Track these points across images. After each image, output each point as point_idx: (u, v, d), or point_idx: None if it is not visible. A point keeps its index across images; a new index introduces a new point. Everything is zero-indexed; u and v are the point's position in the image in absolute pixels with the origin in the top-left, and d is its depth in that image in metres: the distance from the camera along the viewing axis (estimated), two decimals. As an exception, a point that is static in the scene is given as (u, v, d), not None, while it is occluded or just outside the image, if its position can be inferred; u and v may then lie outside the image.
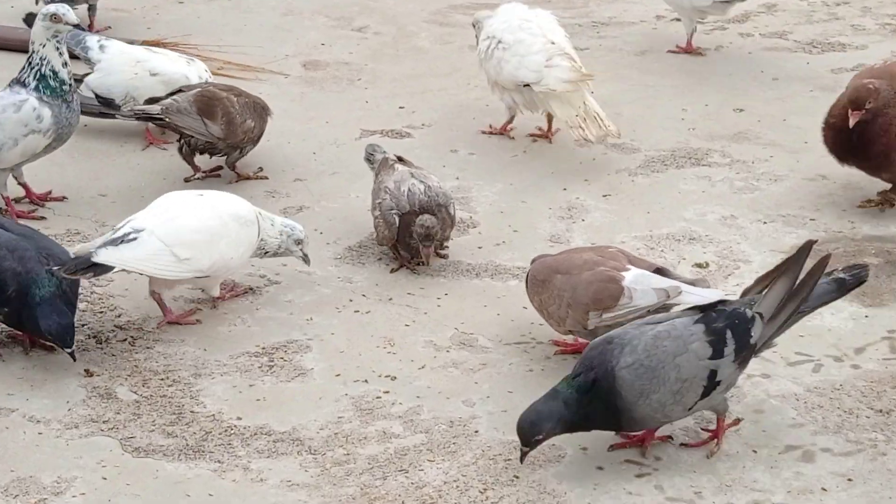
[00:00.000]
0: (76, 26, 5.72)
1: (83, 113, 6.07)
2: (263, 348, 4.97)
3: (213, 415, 4.62)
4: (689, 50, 7.47)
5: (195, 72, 6.50)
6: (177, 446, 4.47)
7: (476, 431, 4.52)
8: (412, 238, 5.32)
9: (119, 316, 5.16)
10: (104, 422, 4.58)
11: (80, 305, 5.02)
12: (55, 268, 4.76)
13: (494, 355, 4.93)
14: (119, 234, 4.91)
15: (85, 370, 4.82)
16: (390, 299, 5.23)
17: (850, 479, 4.30)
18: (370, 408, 4.63)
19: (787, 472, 4.34)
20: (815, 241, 4.39)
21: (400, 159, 5.65)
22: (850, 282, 4.48)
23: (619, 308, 4.65)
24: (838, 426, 4.54)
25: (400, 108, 6.85)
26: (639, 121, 6.52)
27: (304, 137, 6.52)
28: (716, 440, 4.42)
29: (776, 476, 4.32)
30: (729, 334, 4.27)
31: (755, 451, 4.42)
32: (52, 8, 5.65)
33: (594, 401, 4.21)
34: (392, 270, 5.44)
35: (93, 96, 6.44)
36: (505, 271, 5.43)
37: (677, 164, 6.28)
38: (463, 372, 4.82)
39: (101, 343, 4.99)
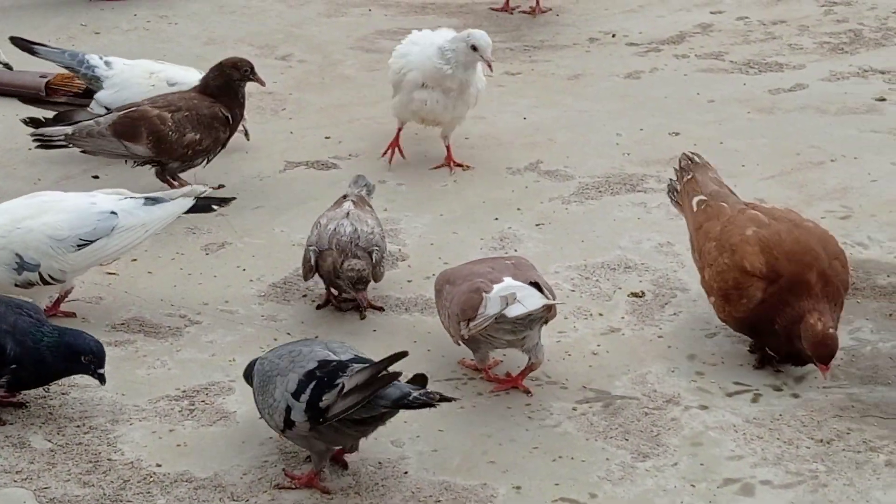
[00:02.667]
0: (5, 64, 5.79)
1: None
2: (184, 391, 4.94)
3: (132, 462, 4.57)
4: (506, 9, 8.22)
5: None
6: (93, 496, 4.41)
7: (405, 472, 4.50)
8: (339, 279, 5.28)
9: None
10: (17, 472, 4.51)
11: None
12: None
13: (423, 393, 4.94)
14: None
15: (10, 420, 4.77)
16: (316, 337, 5.21)
17: (790, 512, 4.34)
18: (296, 450, 4.59)
19: (726, 507, 4.37)
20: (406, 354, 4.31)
21: (362, 198, 5.57)
22: (418, 399, 4.26)
23: (478, 317, 4.71)
24: (778, 457, 4.56)
25: (326, 138, 6.87)
26: (573, 147, 6.56)
27: (226, 171, 6.50)
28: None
29: (716, 510, 4.35)
30: (313, 384, 4.27)
31: (693, 486, 4.43)
32: None
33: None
34: (318, 307, 5.43)
35: (105, 112, 6.35)
36: (435, 306, 5.43)
37: (612, 190, 6.33)
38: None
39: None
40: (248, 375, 4.63)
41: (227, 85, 6.10)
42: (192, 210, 5.35)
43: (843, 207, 6.15)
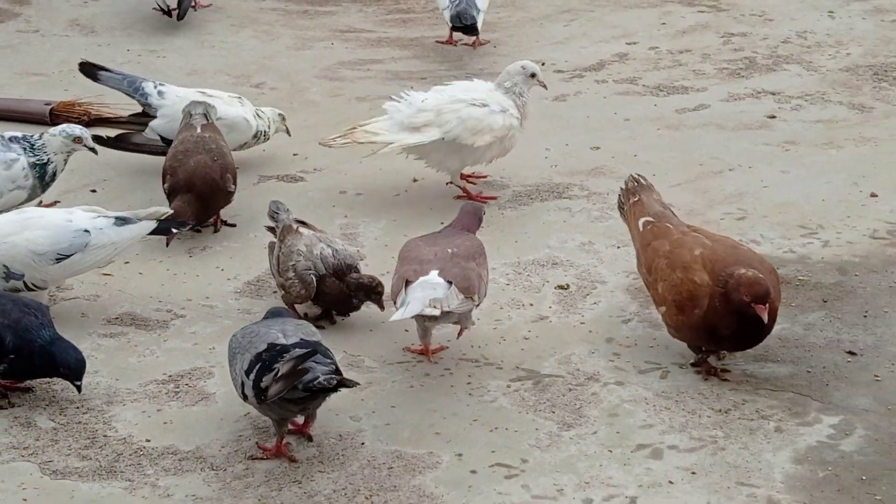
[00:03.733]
0: (91, 149, 5.84)
1: (148, 153, 6.29)
2: (170, 376, 4.93)
3: (124, 438, 4.57)
4: (450, 42, 8.22)
5: (249, 112, 6.50)
6: (91, 468, 4.41)
7: (362, 443, 4.52)
8: (355, 296, 5.18)
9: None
10: (24, 448, 4.51)
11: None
12: None
13: (379, 374, 4.93)
14: None
15: (8, 402, 4.74)
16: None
17: (693, 473, 4.35)
18: (266, 426, 4.58)
19: (638, 469, 4.38)
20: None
21: (303, 223, 5.42)
22: (321, 384, 4.27)
23: (396, 303, 4.82)
24: (683, 425, 4.60)
25: (294, 154, 6.83)
26: (507, 161, 6.51)
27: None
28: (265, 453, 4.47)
29: (629, 472, 4.36)
30: (258, 367, 4.29)
31: (610, 451, 4.46)
32: (77, 131, 5.78)
33: None
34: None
35: (158, 139, 6.36)
36: (388, 298, 5.41)
37: (541, 197, 6.33)
38: (350, 390, 4.76)
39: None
40: None
41: None
42: (154, 232, 5.29)
43: (740, 210, 6.18)
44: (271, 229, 5.48)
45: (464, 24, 8.06)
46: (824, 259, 5.71)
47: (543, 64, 7.97)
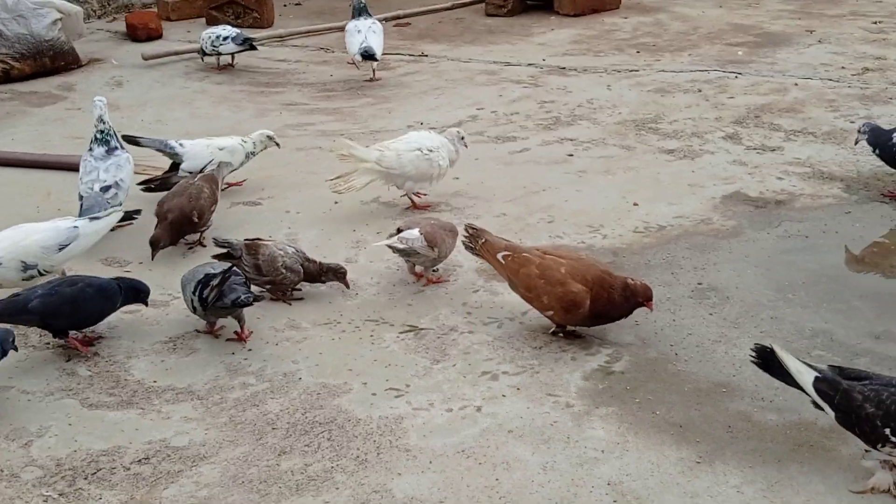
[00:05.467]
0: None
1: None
2: (170, 338, 4.85)
3: (139, 380, 4.51)
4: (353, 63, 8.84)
5: (237, 141, 6.51)
6: (116, 401, 4.34)
7: (300, 378, 4.50)
8: (325, 276, 5.10)
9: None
10: (69, 389, 4.43)
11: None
12: None
13: (311, 332, 4.89)
14: None
15: (66, 359, 4.65)
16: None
17: (518, 388, 4.38)
18: (235, 370, 4.55)
19: (482, 387, 4.40)
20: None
21: (257, 239, 5.19)
22: (242, 300, 4.56)
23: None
24: (512, 358, 4.63)
25: (259, 188, 6.75)
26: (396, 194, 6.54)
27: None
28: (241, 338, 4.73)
29: (476, 390, 4.39)
30: (199, 287, 4.56)
31: (464, 377, 4.48)
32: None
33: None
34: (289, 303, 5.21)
35: (188, 174, 6.23)
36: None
37: (420, 212, 6.30)
38: (291, 343, 4.77)
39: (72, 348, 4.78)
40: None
41: None
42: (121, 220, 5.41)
43: (549, 216, 6.22)
44: (224, 256, 5.14)
45: (369, 55, 8.93)
46: (604, 246, 5.77)
47: (422, 123, 8.06)
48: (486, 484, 3.75)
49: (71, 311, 4.54)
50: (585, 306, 4.55)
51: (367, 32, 9.10)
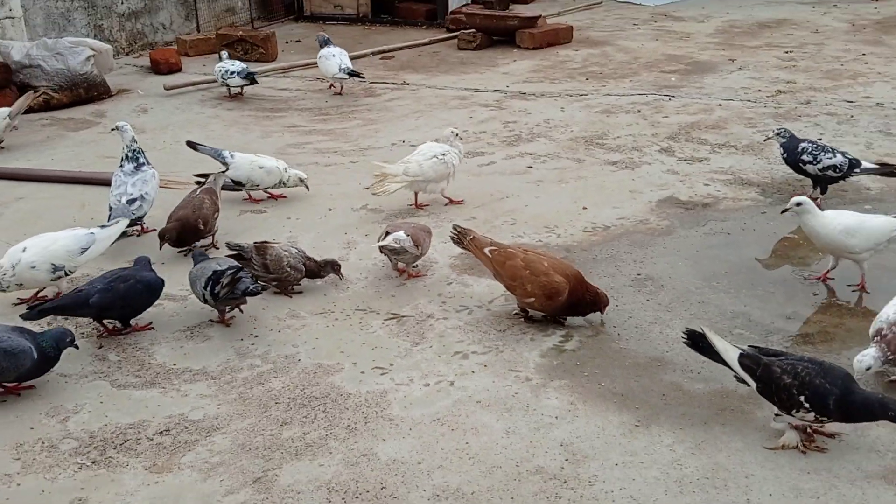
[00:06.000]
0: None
1: (224, 188, 6.10)
2: (188, 327, 4.83)
3: (161, 364, 4.48)
4: (333, 86, 8.84)
5: (282, 167, 6.42)
6: (141, 382, 4.32)
7: (299, 360, 4.48)
8: (324, 270, 5.06)
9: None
10: (101, 373, 4.40)
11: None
12: None
13: (308, 320, 4.88)
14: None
15: (99, 346, 4.62)
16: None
17: (485, 366, 4.39)
18: (244, 353, 4.54)
19: (455, 365, 4.40)
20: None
21: (265, 242, 5.15)
22: (251, 291, 4.52)
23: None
24: (479, 339, 4.63)
25: (262, 200, 6.69)
26: (381, 201, 6.53)
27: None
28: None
29: (450, 367, 4.39)
30: (211, 282, 4.53)
31: (440, 356, 4.48)
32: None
33: None
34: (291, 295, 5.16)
35: (231, 181, 6.24)
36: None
37: (402, 217, 6.24)
38: (292, 330, 4.76)
39: (101, 334, 4.76)
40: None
41: None
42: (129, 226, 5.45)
43: (512, 219, 6.22)
44: (236, 257, 5.07)
45: (354, 73, 9.11)
46: (558, 244, 5.78)
47: (404, 142, 8.04)
48: (458, 447, 3.76)
49: (122, 305, 4.56)
50: (565, 295, 4.53)
51: (340, 56, 9.48)
